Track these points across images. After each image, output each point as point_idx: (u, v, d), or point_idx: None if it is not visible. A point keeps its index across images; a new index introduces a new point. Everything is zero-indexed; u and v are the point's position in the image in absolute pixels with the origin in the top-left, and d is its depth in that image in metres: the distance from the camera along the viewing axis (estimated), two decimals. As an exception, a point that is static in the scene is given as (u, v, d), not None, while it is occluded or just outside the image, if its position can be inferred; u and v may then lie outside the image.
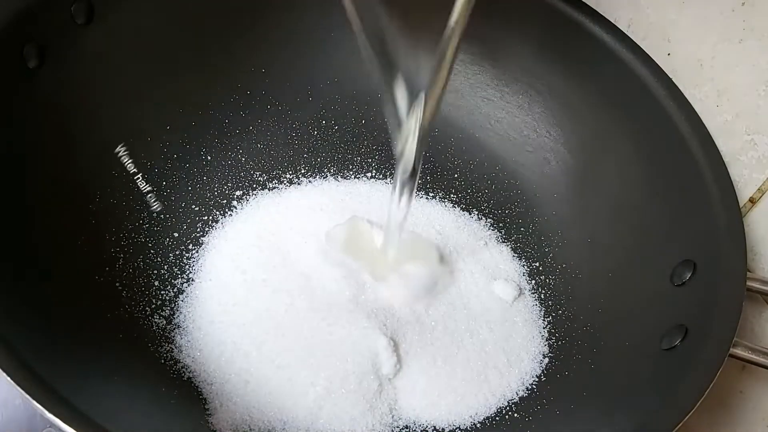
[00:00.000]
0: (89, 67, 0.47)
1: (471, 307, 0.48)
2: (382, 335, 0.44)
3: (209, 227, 0.50)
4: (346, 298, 0.46)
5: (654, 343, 0.42)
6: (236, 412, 0.41)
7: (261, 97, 0.56)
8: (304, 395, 0.42)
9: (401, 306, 0.47)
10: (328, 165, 0.55)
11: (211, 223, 0.50)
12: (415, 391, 0.44)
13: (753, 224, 0.47)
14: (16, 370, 0.32)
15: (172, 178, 0.51)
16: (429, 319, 0.47)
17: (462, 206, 0.54)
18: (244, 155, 0.54)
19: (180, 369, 0.43)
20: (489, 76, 0.57)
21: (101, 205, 0.47)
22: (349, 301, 0.46)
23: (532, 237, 0.53)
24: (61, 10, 0.45)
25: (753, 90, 0.46)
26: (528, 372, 0.46)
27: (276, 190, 0.53)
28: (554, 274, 0.51)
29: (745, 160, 0.47)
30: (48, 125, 0.45)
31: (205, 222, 0.50)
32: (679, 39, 0.49)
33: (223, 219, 0.51)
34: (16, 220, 0.41)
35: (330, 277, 0.47)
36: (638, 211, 0.49)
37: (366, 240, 0.49)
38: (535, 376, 0.46)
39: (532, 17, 0.53)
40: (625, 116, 0.51)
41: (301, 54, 0.57)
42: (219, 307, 0.45)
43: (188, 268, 0.48)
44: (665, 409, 0.37)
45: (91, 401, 0.33)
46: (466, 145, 0.57)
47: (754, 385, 0.49)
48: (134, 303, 0.45)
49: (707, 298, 0.41)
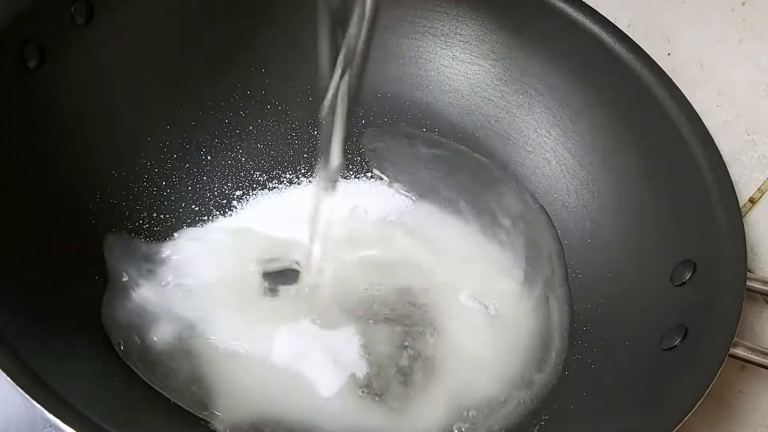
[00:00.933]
0: (89, 67, 0.47)
1: (470, 306, 0.48)
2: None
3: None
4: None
5: (654, 343, 0.42)
6: (237, 411, 0.41)
7: (261, 97, 0.56)
8: (305, 395, 0.42)
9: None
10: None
11: (211, 223, 0.50)
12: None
13: (753, 224, 0.47)
14: (16, 370, 0.32)
15: (172, 178, 0.51)
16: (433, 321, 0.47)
17: (461, 206, 0.54)
18: (244, 155, 0.54)
19: (180, 368, 0.43)
20: (489, 76, 0.57)
21: (101, 206, 0.47)
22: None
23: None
24: (61, 10, 0.45)
25: (753, 90, 0.46)
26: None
27: (276, 190, 0.53)
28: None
29: (745, 160, 0.47)
30: (48, 125, 0.45)
31: (205, 222, 0.50)
32: (679, 39, 0.49)
33: (223, 219, 0.51)
34: (15, 221, 0.41)
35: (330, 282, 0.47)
36: (638, 211, 0.49)
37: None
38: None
39: (532, 17, 0.53)
40: (625, 116, 0.51)
41: (301, 54, 0.57)
42: (218, 307, 0.45)
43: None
44: (665, 409, 0.37)
45: (91, 401, 0.33)
46: (465, 145, 0.57)
47: (754, 385, 0.49)
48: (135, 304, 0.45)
49: (707, 298, 0.41)
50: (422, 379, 0.45)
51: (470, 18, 0.56)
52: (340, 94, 0.38)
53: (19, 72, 0.43)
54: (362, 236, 0.50)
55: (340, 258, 0.49)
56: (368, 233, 0.50)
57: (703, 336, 0.40)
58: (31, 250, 0.41)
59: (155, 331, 0.44)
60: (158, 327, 0.44)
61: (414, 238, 0.51)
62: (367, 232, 0.50)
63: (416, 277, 0.49)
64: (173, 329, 0.44)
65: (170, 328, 0.44)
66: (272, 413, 0.42)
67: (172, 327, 0.44)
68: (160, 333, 0.43)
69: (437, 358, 0.46)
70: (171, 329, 0.44)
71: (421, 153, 0.56)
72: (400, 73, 0.58)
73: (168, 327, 0.44)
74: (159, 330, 0.44)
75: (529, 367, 0.47)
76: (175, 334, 0.44)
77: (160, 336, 0.43)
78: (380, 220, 0.51)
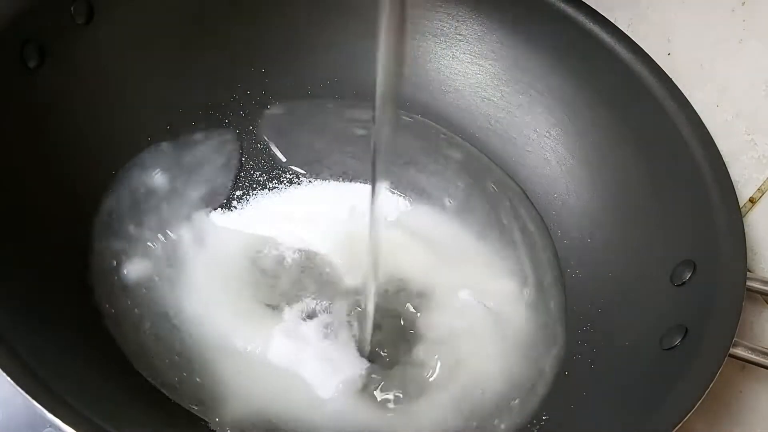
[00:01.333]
0: (89, 66, 0.47)
1: (470, 305, 0.48)
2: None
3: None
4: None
5: (654, 343, 0.42)
6: (236, 411, 0.41)
7: (261, 97, 0.56)
8: (303, 395, 0.42)
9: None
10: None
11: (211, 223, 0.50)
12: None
13: (753, 224, 0.47)
14: (16, 370, 0.32)
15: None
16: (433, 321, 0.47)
17: (460, 206, 0.54)
18: (244, 155, 0.54)
19: (179, 368, 0.43)
20: (489, 76, 0.57)
21: (101, 205, 0.47)
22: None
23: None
24: (61, 9, 0.45)
25: (753, 90, 0.46)
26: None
27: (276, 190, 0.53)
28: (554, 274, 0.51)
29: (745, 160, 0.47)
30: (48, 125, 0.45)
31: (205, 222, 0.50)
32: (679, 39, 0.49)
33: (223, 219, 0.51)
34: (15, 220, 0.41)
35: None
36: (638, 211, 0.49)
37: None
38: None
39: (532, 17, 0.53)
40: (625, 116, 0.51)
41: (301, 54, 0.57)
42: (218, 308, 0.45)
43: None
44: (665, 409, 0.37)
45: (91, 401, 0.33)
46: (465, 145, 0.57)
47: (754, 385, 0.49)
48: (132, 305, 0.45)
49: (707, 298, 0.41)
50: (422, 379, 0.45)
51: (470, 18, 0.56)
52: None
53: (19, 72, 0.43)
54: (361, 236, 0.50)
55: (341, 258, 0.49)
56: (367, 233, 0.50)
57: (703, 336, 0.40)
58: (31, 250, 0.41)
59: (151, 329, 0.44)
60: (158, 326, 0.44)
61: (413, 238, 0.51)
62: (366, 232, 0.50)
63: (415, 277, 0.49)
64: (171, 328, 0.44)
65: (169, 327, 0.44)
66: (271, 413, 0.42)
67: (170, 326, 0.44)
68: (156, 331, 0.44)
69: (437, 358, 0.46)
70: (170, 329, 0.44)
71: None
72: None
73: (167, 326, 0.44)
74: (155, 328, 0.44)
75: (528, 366, 0.47)
76: (171, 332, 0.44)
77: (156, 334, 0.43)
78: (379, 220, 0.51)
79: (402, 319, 0.47)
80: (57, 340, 0.38)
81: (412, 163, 0.55)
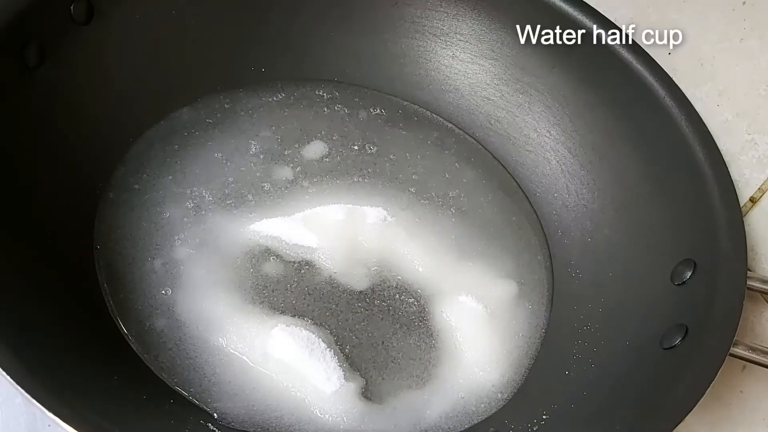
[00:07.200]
0: (89, 66, 0.47)
1: (468, 305, 0.48)
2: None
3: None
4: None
5: (654, 342, 0.42)
6: (237, 411, 0.41)
7: (260, 94, 0.56)
8: (303, 395, 0.42)
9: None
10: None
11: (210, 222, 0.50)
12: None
13: (753, 224, 0.47)
14: (16, 370, 0.32)
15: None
16: (432, 321, 0.47)
17: (460, 206, 0.54)
18: (244, 155, 0.54)
19: (179, 368, 0.43)
20: (489, 76, 0.57)
21: (101, 205, 0.47)
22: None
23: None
24: (61, 9, 0.45)
25: (753, 90, 0.46)
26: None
27: (276, 190, 0.53)
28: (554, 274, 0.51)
29: (745, 159, 0.47)
30: (47, 125, 0.45)
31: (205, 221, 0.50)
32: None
33: (222, 218, 0.50)
34: (15, 220, 0.41)
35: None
36: (638, 211, 0.49)
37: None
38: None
39: (532, 17, 0.53)
40: (625, 116, 0.51)
41: (301, 54, 0.57)
42: (218, 309, 0.45)
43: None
44: (665, 409, 0.37)
45: (90, 400, 0.33)
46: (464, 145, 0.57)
47: (754, 385, 0.49)
48: (134, 305, 0.45)
49: (707, 297, 0.41)
50: (422, 379, 0.45)
51: (470, 17, 0.56)
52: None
53: (19, 72, 0.43)
54: (361, 236, 0.50)
55: (340, 258, 0.49)
56: (367, 233, 0.50)
57: (703, 335, 0.40)
58: (31, 250, 0.41)
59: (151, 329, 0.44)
60: (157, 325, 0.44)
61: (412, 237, 0.50)
62: (365, 232, 0.50)
63: (414, 277, 0.49)
64: (173, 328, 0.44)
65: (170, 326, 0.44)
66: (271, 413, 0.42)
67: (171, 325, 0.44)
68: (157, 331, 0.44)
69: (436, 358, 0.46)
70: (171, 328, 0.44)
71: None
72: (400, 73, 0.58)
73: (167, 325, 0.44)
74: (155, 328, 0.44)
75: (528, 366, 0.47)
76: (172, 332, 0.44)
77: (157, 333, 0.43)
78: (379, 220, 0.51)
79: (401, 319, 0.47)
80: (57, 340, 0.38)
81: (411, 163, 0.55)
